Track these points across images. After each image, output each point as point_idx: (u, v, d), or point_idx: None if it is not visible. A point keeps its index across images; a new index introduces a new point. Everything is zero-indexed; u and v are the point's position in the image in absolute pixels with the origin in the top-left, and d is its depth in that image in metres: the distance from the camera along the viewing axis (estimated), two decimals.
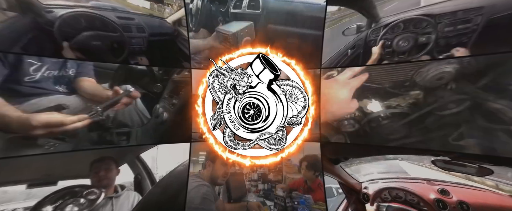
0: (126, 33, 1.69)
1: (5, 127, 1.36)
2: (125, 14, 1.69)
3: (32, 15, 1.43)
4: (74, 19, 1.53)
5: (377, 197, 1.68)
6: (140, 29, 1.74)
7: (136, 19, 1.73)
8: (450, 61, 1.42)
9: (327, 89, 1.82)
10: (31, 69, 1.44)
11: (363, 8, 1.69)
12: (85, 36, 1.57)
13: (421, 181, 1.55)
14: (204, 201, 1.83)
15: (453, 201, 1.42)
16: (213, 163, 1.90)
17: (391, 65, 1.62)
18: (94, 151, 1.62)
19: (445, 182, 1.47)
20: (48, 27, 1.47)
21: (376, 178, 1.70)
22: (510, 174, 1.29)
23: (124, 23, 1.69)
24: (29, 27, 1.43)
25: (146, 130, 1.79)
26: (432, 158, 1.50)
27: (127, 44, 1.70)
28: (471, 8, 1.35)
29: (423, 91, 1.52)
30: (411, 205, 1.56)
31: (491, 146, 1.33)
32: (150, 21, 1.77)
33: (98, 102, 1.61)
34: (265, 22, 1.84)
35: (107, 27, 1.63)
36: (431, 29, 1.47)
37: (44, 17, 1.46)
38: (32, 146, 1.42)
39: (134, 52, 1.73)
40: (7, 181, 1.41)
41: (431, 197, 1.49)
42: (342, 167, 1.80)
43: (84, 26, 1.55)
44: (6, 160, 1.37)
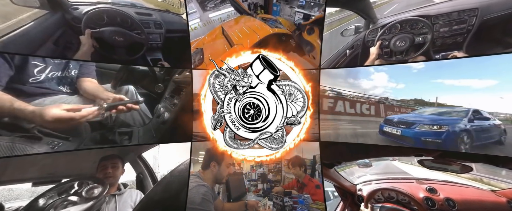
0: (145, 29, 1.74)
1: (20, 121, 1.40)
2: (143, 10, 1.75)
3: (61, 12, 1.53)
4: (97, 15, 1.61)
5: (371, 198, 1.72)
6: (157, 25, 1.78)
7: (153, 15, 1.77)
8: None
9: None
10: (36, 70, 1.48)
11: (361, 9, 1.72)
12: (109, 31, 1.64)
13: (411, 180, 1.60)
14: (203, 202, 1.85)
15: (441, 199, 1.49)
16: (219, 164, 1.92)
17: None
18: (97, 150, 1.65)
19: (433, 181, 1.53)
20: (75, 23, 1.56)
21: (369, 180, 1.74)
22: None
23: (143, 19, 1.74)
24: (59, 23, 1.52)
25: (147, 130, 1.81)
26: (417, 158, 1.57)
27: (146, 40, 1.75)
28: (466, 9, 1.38)
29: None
30: (403, 205, 1.61)
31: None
32: (167, 17, 1.80)
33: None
34: None
35: (127, 22, 1.69)
36: (427, 29, 1.50)
37: (71, 14, 1.55)
38: (37, 143, 1.46)
39: (151, 48, 1.77)
40: (13, 179, 1.44)
41: (420, 196, 1.55)
42: (337, 170, 1.84)
43: (106, 21, 1.63)
44: (11, 159, 1.40)
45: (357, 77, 1.77)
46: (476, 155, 1.39)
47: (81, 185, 1.58)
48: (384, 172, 1.69)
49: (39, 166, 1.49)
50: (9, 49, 1.38)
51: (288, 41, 1.79)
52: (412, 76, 1.59)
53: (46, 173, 1.52)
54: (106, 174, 1.67)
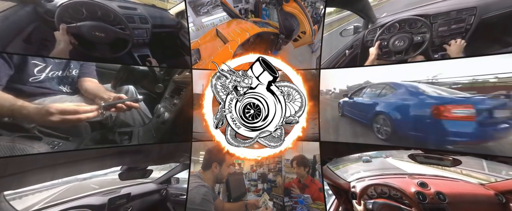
0: (130, 24, 1.65)
1: (24, 119, 1.39)
2: (127, 4, 1.66)
3: (32, 4, 1.38)
4: (74, 8, 1.47)
5: (364, 194, 1.73)
6: (143, 19, 1.71)
7: (138, 9, 1.70)
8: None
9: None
10: (36, 70, 1.47)
11: (360, 9, 1.73)
12: (88, 26, 1.52)
13: (403, 175, 1.64)
14: (203, 202, 1.86)
15: (431, 193, 1.52)
16: (220, 165, 1.94)
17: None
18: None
19: (424, 175, 1.57)
20: (49, 17, 1.42)
21: (362, 177, 1.76)
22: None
23: (127, 13, 1.65)
24: (30, 17, 1.38)
25: (147, 130, 1.81)
26: (408, 153, 1.60)
27: (131, 36, 1.66)
28: (464, 8, 1.39)
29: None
30: (395, 200, 1.64)
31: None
32: (153, 12, 1.75)
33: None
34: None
35: (109, 17, 1.58)
36: (425, 29, 1.51)
37: (44, 7, 1.42)
38: (37, 143, 1.45)
39: (137, 44, 1.71)
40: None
41: (411, 191, 1.58)
42: (330, 168, 1.85)
43: (85, 15, 1.51)
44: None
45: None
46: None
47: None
48: (378, 168, 1.72)
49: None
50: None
51: (276, 39, 1.88)
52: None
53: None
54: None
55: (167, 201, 1.83)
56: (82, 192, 1.56)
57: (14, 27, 1.35)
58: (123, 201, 1.67)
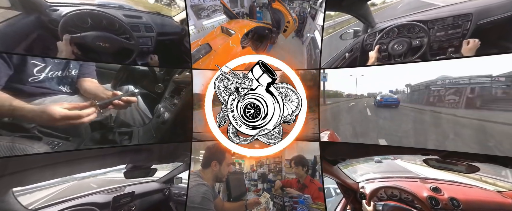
0: (134, 33, 1.66)
1: (20, 121, 1.38)
2: (132, 12, 1.68)
3: (36, 13, 1.39)
4: (79, 17, 1.48)
5: (374, 196, 1.74)
6: (148, 28, 1.74)
7: (143, 17, 1.72)
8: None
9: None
10: (35, 70, 1.46)
11: (360, 14, 1.76)
12: (92, 36, 1.52)
13: (415, 179, 1.61)
14: (203, 201, 1.87)
15: (445, 198, 1.49)
16: (220, 163, 1.96)
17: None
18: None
19: (438, 180, 1.54)
20: (53, 26, 1.43)
21: (372, 178, 1.77)
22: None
23: (132, 22, 1.67)
24: (33, 26, 1.39)
25: (147, 130, 1.82)
26: (423, 157, 1.57)
27: (136, 46, 1.67)
28: (460, 14, 1.44)
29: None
30: (406, 203, 1.63)
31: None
32: (158, 19, 1.78)
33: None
34: None
35: (114, 26, 1.59)
36: (423, 34, 1.55)
37: (49, 16, 1.43)
38: (37, 143, 1.45)
39: (142, 52, 1.73)
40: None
41: (424, 195, 1.56)
42: (340, 168, 1.87)
43: (90, 25, 1.51)
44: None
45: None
46: (482, 155, 1.38)
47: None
48: (387, 170, 1.72)
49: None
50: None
51: (270, 33, 2.07)
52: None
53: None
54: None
55: (170, 200, 1.85)
56: (85, 191, 1.57)
57: (16, 36, 1.36)
58: (127, 200, 1.69)
